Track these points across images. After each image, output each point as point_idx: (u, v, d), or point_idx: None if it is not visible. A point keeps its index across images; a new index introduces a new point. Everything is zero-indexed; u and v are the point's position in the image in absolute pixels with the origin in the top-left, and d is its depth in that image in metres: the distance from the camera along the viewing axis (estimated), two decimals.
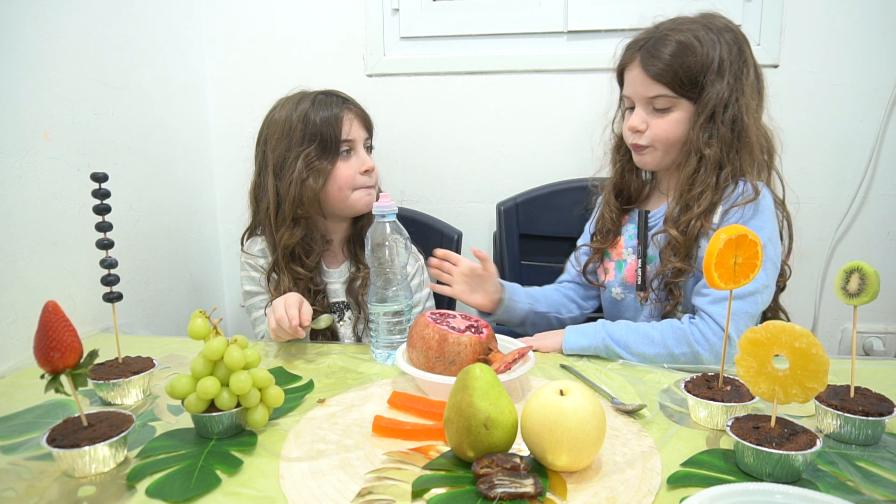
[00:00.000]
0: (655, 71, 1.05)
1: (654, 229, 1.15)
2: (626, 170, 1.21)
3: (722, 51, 1.04)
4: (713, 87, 1.04)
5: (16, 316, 1.03)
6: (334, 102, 1.21)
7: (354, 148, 1.22)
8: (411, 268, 1.30)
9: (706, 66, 1.04)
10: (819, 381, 0.63)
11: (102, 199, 0.84)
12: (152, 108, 1.42)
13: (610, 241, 1.22)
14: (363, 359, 1.04)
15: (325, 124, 1.18)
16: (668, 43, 1.04)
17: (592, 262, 1.25)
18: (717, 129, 1.05)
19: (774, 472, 0.64)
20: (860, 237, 1.49)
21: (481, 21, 1.54)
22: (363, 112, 1.26)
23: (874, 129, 1.43)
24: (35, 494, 0.64)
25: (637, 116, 1.10)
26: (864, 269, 0.72)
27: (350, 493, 0.64)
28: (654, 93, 1.06)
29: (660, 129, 1.08)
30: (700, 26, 1.06)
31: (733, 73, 1.05)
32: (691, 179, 1.07)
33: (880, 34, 1.40)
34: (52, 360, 0.64)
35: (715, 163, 1.05)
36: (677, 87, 1.05)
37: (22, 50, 1.06)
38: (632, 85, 1.10)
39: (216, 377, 0.74)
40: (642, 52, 1.07)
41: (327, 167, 1.19)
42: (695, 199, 1.06)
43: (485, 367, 0.69)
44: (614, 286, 1.21)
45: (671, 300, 1.10)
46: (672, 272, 1.08)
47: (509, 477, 0.62)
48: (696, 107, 1.06)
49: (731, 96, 1.04)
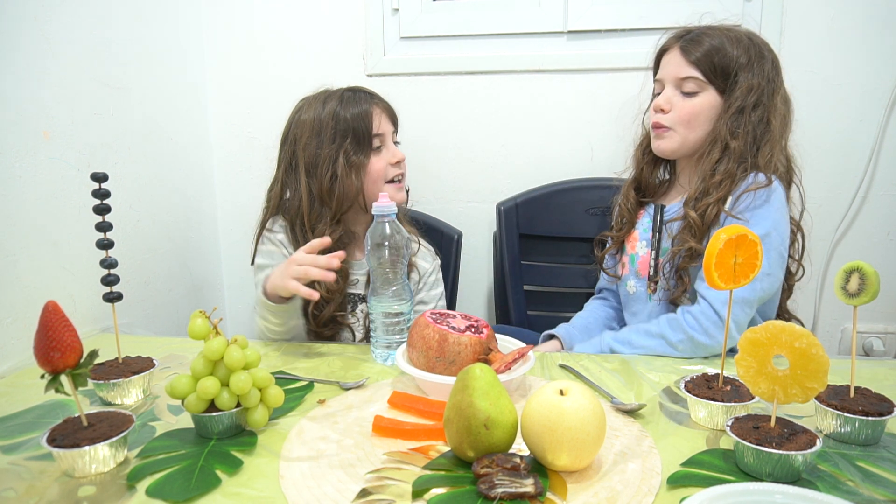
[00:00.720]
0: (693, 56, 1.11)
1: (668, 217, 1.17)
2: (647, 162, 1.25)
3: (758, 59, 1.10)
4: (746, 82, 1.09)
5: (16, 316, 1.03)
6: (362, 98, 1.22)
7: (384, 142, 1.24)
8: (428, 264, 1.32)
9: (741, 64, 1.09)
10: (819, 381, 0.63)
11: (102, 199, 0.83)
12: (152, 108, 1.42)
13: (626, 232, 1.25)
14: (363, 359, 1.04)
15: (355, 120, 1.20)
16: (712, 36, 1.11)
17: (610, 255, 1.28)
18: (745, 124, 1.09)
19: (774, 472, 0.64)
20: (860, 237, 1.49)
21: (481, 21, 1.54)
22: (389, 106, 1.27)
23: (874, 129, 1.43)
24: (35, 494, 0.64)
25: (664, 96, 1.15)
26: (864, 269, 0.72)
27: (350, 493, 0.64)
28: (686, 74, 1.12)
29: (683, 111, 1.13)
30: (744, 34, 1.13)
31: (766, 79, 1.10)
32: (714, 168, 1.10)
33: (880, 34, 1.40)
34: (52, 360, 0.64)
35: (739, 155, 1.09)
36: (709, 74, 1.11)
37: (22, 50, 1.06)
38: (667, 67, 1.16)
39: (216, 377, 0.74)
40: (684, 40, 1.13)
41: (364, 161, 1.20)
42: (715, 185, 1.09)
43: (485, 367, 0.69)
44: (629, 279, 1.23)
45: (680, 286, 1.12)
46: (685, 255, 1.10)
47: (509, 477, 0.62)
48: (726, 100, 1.11)
49: (762, 96, 1.09)
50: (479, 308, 1.68)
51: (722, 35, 1.11)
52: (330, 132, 1.19)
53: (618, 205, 1.28)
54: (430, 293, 1.32)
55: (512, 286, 1.49)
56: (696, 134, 1.13)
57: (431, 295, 1.32)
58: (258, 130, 1.65)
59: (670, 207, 1.19)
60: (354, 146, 1.19)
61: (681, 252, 1.11)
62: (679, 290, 1.12)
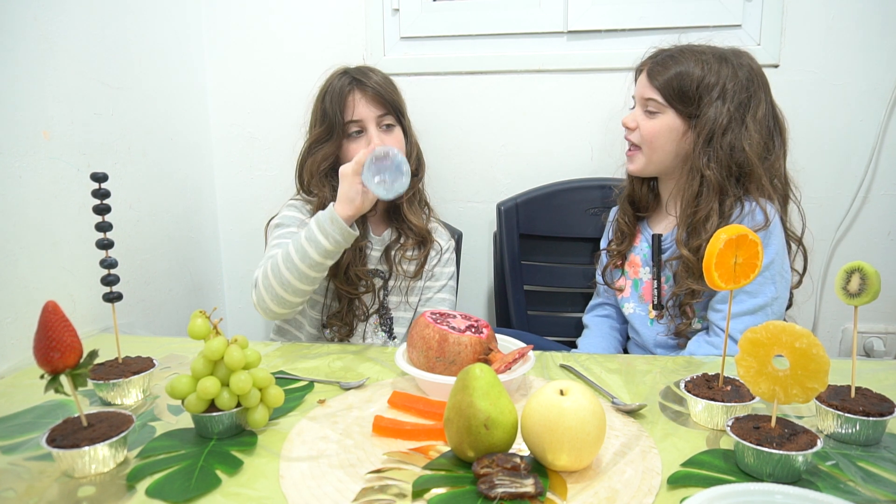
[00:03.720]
0: (656, 81, 1.15)
1: (667, 254, 1.19)
2: (635, 178, 1.27)
3: (727, 82, 1.10)
4: (711, 109, 1.10)
5: (16, 316, 1.03)
6: (346, 82, 1.24)
7: (365, 127, 1.23)
8: (444, 242, 1.35)
9: (704, 88, 1.10)
10: (819, 381, 0.63)
11: (102, 199, 0.83)
12: (152, 108, 1.42)
13: (627, 245, 1.27)
14: (363, 359, 1.04)
15: (331, 106, 1.23)
16: (677, 61, 1.13)
17: (611, 269, 1.29)
18: (716, 153, 1.10)
19: (775, 473, 0.64)
20: (860, 237, 1.49)
21: (481, 21, 1.54)
22: (380, 88, 1.24)
23: (874, 129, 1.43)
24: (35, 495, 0.64)
25: (631, 114, 1.20)
26: (864, 269, 0.72)
27: (350, 493, 0.64)
28: (649, 95, 1.15)
29: (646, 130, 1.16)
30: (714, 56, 1.13)
31: (735, 104, 1.10)
32: (695, 201, 1.12)
33: (880, 34, 1.40)
34: (52, 361, 0.64)
35: (716, 186, 1.10)
36: (669, 97, 1.13)
37: (22, 50, 1.06)
38: (638, 87, 1.20)
39: (216, 377, 0.74)
40: (653, 61, 1.16)
41: (330, 151, 1.23)
42: (701, 222, 1.10)
43: (485, 367, 0.69)
44: (629, 301, 1.26)
45: (685, 320, 1.14)
46: (686, 293, 1.12)
47: (509, 477, 0.62)
48: (693, 127, 1.12)
49: (729, 123, 1.10)
50: (479, 308, 1.68)
51: (691, 58, 1.12)
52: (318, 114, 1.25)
53: (616, 219, 1.30)
54: (444, 270, 1.34)
55: (512, 286, 1.49)
56: (658, 155, 1.16)
57: (444, 272, 1.34)
58: (258, 130, 1.65)
59: (667, 236, 1.20)
60: (326, 133, 1.23)
61: (681, 292, 1.13)
62: (684, 324, 1.15)
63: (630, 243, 1.27)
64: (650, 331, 1.21)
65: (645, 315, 1.22)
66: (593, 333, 1.32)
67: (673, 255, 1.16)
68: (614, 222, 1.30)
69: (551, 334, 1.46)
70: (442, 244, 1.34)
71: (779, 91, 1.20)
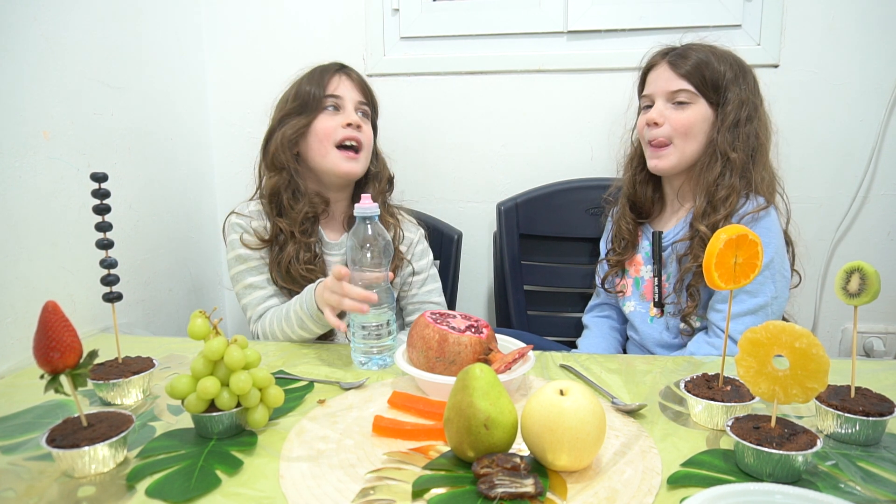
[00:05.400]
0: (683, 69, 1.13)
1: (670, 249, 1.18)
2: (639, 181, 1.25)
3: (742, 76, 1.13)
4: (736, 96, 1.11)
5: (16, 316, 1.03)
6: (330, 66, 1.24)
7: (342, 105, 1.22)
8: (413, 234, 1.32)
9: (729, 79, 1.11)
10: (819, 381, 0.63)
11: (102, 199, 0.83)
12: (152, 108, 1.42)
13: (629, 254, 1.25)
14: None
15: (310, 82, 1.22)
16: (697, 51, 1.13)
17: (612, 275, 1.29)
18: (741, 137, 1.10)
19: (775, 473, 0.64)
20: (860, 237, 1.49)
21: (481, 21, 1.54)
22: (362, 80, 1.26)
23: (874, 129, 1.43)
24: (35, 495, 0.64)
25: (656, 110, 1.15)
26: (864, 269, 0.72)
27: (350, 493, 0.64)
28: (677, 87, 1.13)
29: (678, 122, 1.13)
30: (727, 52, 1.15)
31: (752, 93, 1.12)
32: (717, 182, 1.11)
33: (880, 34, 1.40)
34: (52, 361, 0.64)
35: (740, 167, 1.10)
36: (700, 86, 1.12)
37: (22, 50, 1.06)
38: (656, 82, 1.16)
39: (216, 377, 0.74)
40: (671, 55, 1.15)
41: (302, 121, 1.20)
42: (721, 201, 1.10)
43: (485, 367, 0.69)
44: (630, 300, 1.25)
45: (691, 303, 1.13)
46: (694, 274, 1.12)
47: (509, 477, 0.62)
48: (719, 113, 1.12)
49: (752, 110, 1.12)
50: (479, 308, 1.68)
51: (706, 51, 1.13)
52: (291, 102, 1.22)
53: (615, 223, 1.29)
54: (419, 263, 1.31)
55: (512, 286, 1.49)
56: (691, 146, 1.14)
57: (421, 265, 1.31)
58: (258, 130, 1.63)
59: (668, 233, 1.20)
60: (300, 107, 1.21)
61: (691, 270, 1.12)
62: (690, 306, 1.13)
63: (632, 251, 1.26)
64: (651, 329, 1.21)
65: (645, 313, 1.22)
66: (593, 333, 1.32)
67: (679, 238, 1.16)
68: (614, 226, 1.29)
69: (551, 334, 1.46)
70: (412, 237, 1.31)
71: (779, 91, 1.20)
